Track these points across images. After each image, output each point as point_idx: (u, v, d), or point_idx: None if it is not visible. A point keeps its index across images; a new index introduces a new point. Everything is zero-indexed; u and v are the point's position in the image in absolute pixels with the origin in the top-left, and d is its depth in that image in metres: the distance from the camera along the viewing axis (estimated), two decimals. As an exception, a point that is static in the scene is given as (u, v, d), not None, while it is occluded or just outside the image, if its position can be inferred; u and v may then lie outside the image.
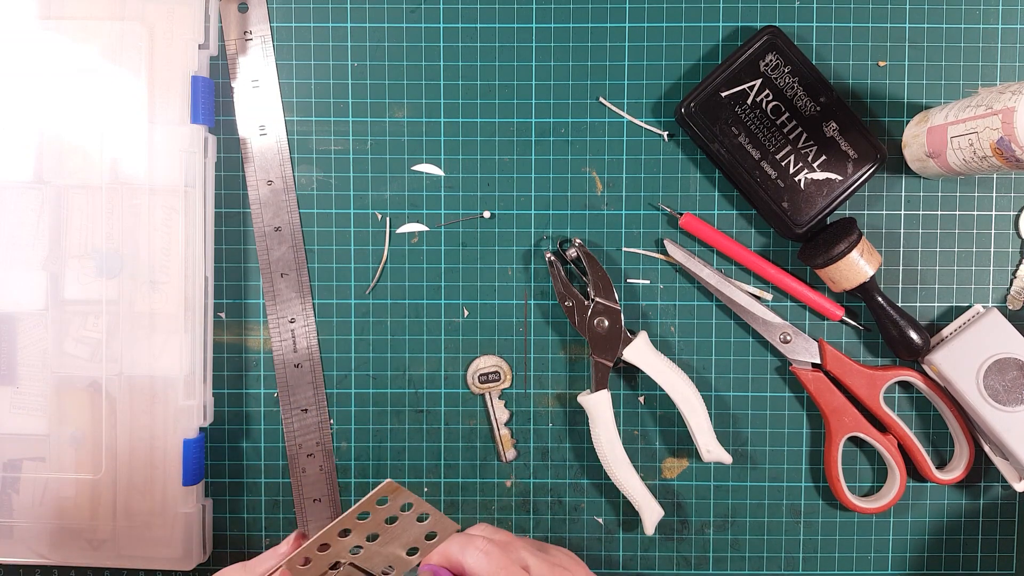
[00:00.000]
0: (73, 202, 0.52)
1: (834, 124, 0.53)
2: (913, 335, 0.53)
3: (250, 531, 0.56)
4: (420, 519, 0.41)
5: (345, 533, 0.41)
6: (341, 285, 0.56)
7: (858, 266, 0.52)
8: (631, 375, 0.56)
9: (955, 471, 0.54)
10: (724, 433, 0.56)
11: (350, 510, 0.40)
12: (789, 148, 0.53)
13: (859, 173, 0.53)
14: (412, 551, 0.42)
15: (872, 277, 0.52)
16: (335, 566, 0.42)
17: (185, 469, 0.53)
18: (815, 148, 0.53)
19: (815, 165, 0.53)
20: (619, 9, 0.55)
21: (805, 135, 0.53)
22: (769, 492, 0.56)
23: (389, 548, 0.41)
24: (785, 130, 0.53)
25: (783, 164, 0.53)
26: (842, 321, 0.55)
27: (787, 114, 0.53)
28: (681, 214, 0.55)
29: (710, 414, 0.55)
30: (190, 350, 0.53)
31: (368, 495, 0.39)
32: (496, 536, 0.46)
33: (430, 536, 0.42)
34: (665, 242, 0.55)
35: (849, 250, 0.51)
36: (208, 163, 0.54)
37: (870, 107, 0.55)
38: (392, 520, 0.41)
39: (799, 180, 0.53)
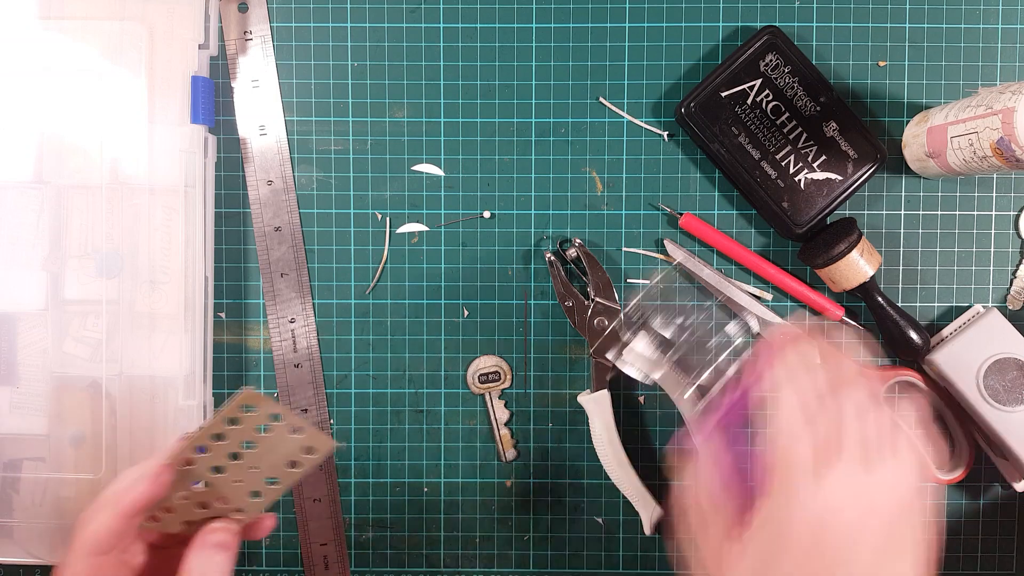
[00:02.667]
0: (73, 202, 0.52)
1: (834, 124, 0.53)
2: (913, 335, 0.53)
3: (250, 531, 0.56)
4: (295, 432, 0.42)
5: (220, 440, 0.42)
6: (341, 285, 0.56)
7: (858, 266, 0.52)
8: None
9: (955, 471, 0.54)
10: (724, 433, 0.56)
11: (216, 412, 0.41)
12: (789, 148, 0.53)
13: (859, 173, 0.53)
14: (293, 464, 0.43)
15: (872, 277, 0.52)
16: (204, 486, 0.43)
17: (185, 469, 0.53)
18: (815, 148, 0.53)
19: (815, 165, 0.53)
20: (619, 9, 0.55)
21: (805, 135, 0.53)
22: (769, 492, 0.56)
23: (268, 458, 0.43)
24: (785, 130, 0.53)
25: (783, 164, 0.53)
26: (842, 321, 0.55)
27: (787, 114, 0.53)
28: (681, 214, 0.55)
29: (710, 414, 0.55)
30: (190, 350, 0.53)
31: (230, 401, 0.41)
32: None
33: (309, 451, 0.43)
34: (665, 242, 0.55)
35: (849, 250, 0.51)
36: (208, 163, 0.54)
37: (870, 107, 0.55)
38: (265, 431, 0.42)
39: (799, 180, 0.53)
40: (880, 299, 0.53)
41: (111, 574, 0.40)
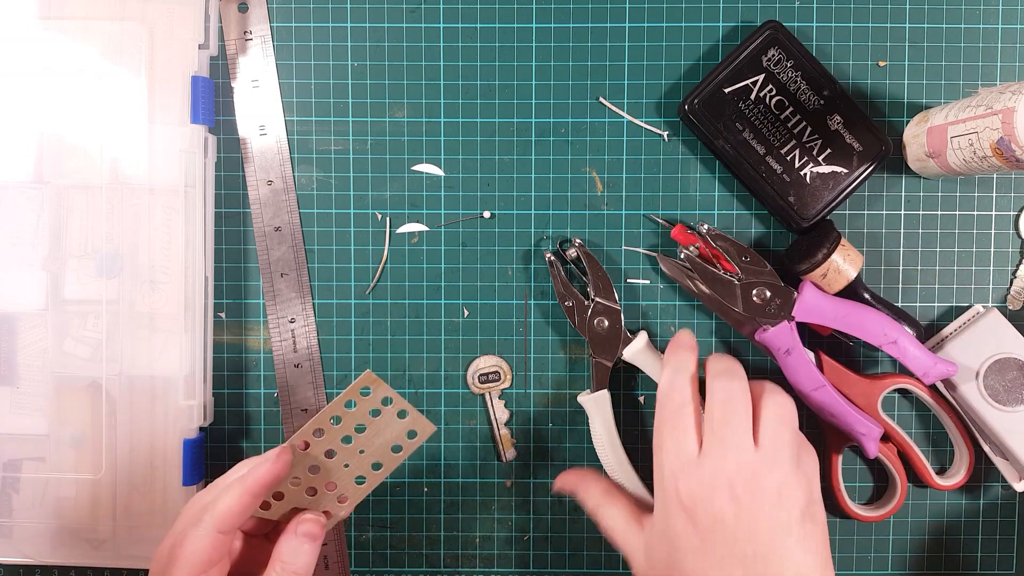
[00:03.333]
0: (73, 202, 0.52)
1: (838, 117, 0.53)
2: (907, 330, 0.52)
3: (250, 531, 0.56)
4: (400, 415, 0.45)
5: (337, 423, 0.45)
6: (341, 285, 0.56)
7: (841, 269, 0.51)
8: (631, 375, 0.56)
9: (955, 476, 0.54)
10: (724, 433, 0.56)
11: (338, 396, 0.44)
12: (794, 142, 0.53)
13: (864, 165, 0.53)
14: (396, 448, 0.46)
15: (857, 277, 0.52)
16: (314, 472, 0.45)
17: (185, 469, 0.53)
18: (820, 142, 0.53)
19: (820, 159, 0.53)
20: (619, 9, 0.55)
21: (809, 129, 0.53)
22: (769, 492, 0.56)
23: (376, 442, 0.45)
24: (789, 124, 0.53)
25: (788, 159, 0.53)
26: (832, 334, 0.54)
27: (791, 108, 0.53)
28: (673, 224, 0.54)
29: (710, 414, 0.56)
30: (190, 350, 0.53)
31: (351, 385, 0.43)
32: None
33: (411, 435, 0.45)
34: (658, 257, 0.55)
35: (829, 254, 0.51)
36: (208, 163, 0.54)
37: (870, 107, 0.55)
38: (375, 414, 0.45)
39: (805, 174, 0.53)
40: (868, 296, 0.53)
41: (223, 554, 0.43)
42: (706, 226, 0.53)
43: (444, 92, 0.55)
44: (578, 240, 0.54)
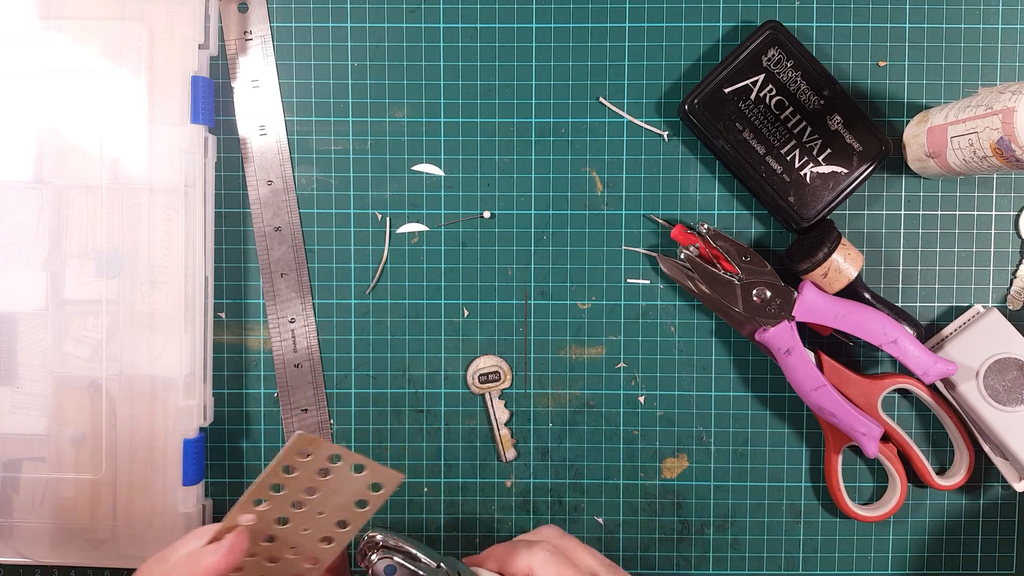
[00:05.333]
0: (73, 202, 0.52)
1: (838, 117, 0.53)
2: (907, 328, 0.52)
3: (250, 531, 0.56)
4: (356, 470, 0.40)
5: (278, 491, 0.40)
6: (341, 285, 0.56)
7: (841, 269, 0.51)
8: (631, 375, 0.56)
9: (955, 477, 0.54)
10: (724, 433, 0.56)
11: (271, 463, 0.39)
12: (794, 142, 0.53)
13: (864, 165, 0.53)
14: (361, 504, 0.41)
15: (857, 276, 0.52)
16: (270, 540, 0.41)
17: (185, 469, 0.53)
18: (820, 141, 0.53)
19: (820, 159, 0.53)
20: (619, 9, 0.55)
21: (809, 129, 0.53)
22: (769, 492, 0.56)
23: (333, 501, 0.40)
24: (789, 124, 0.53)
25: (788, 159, 0.53)
26: (832, 334, 0.54)
27: (791, 108, 0.53)
28: (673, 224, 0.54)
29: (710, 414, 0.56)
30: (190, 350, 0.53)
31: (283, 449, 0.38)
32: (563, 541, 0.45)
33: (375, 487, 0.40)
34: (658, 257, 0.55)
35: (830, 254, 0.51)
36: (208, 163, 0.54)
37: (870, 107, 0.55)
38: (325, 474, 0.40)
39: (805, 174, 0.53)
40: (868, 296, 0.53)
41: None
42: (706, 226, 0.53)
43: (444, 92, 0.55)
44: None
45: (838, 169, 0.53)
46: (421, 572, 0.41)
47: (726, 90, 0.53)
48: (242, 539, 0.39)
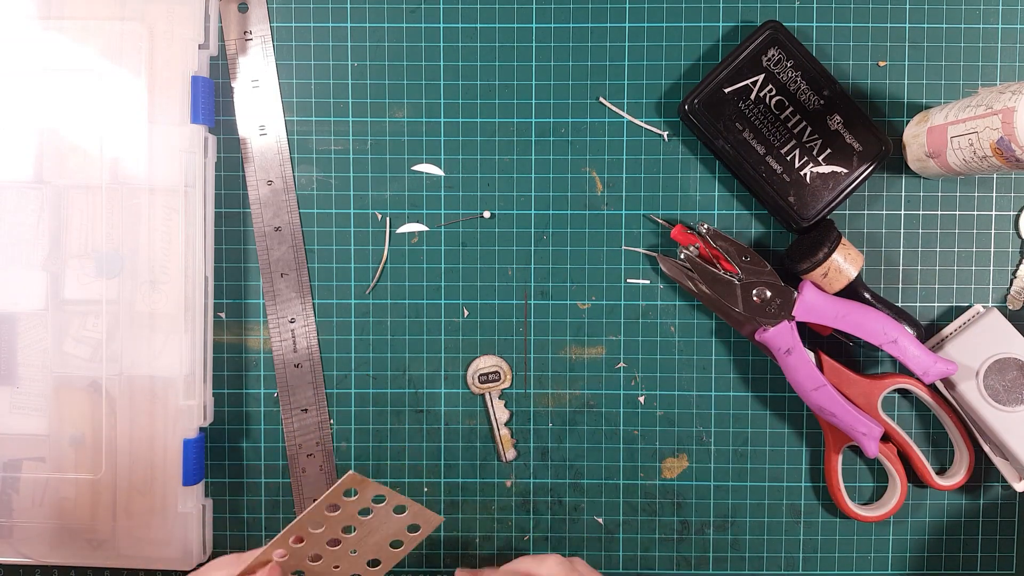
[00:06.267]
0: (73, 202, 0.52)
1: (838, 117, 0.53)
2: (907, 328, 0.52)
3: (250, 531, 0.56)
4: (397, 511, 0.40)
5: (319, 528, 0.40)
6: (341, 285, 0.56)
7: (841, 269, 0.51)
8: (631, 374, 0.56)
9: (955, 477, 0.54)
10: (724, 433, 0.56)
11: (317, 502, 0.39)
12: (794, 142, 0.53)
13: (864, 165, 0.53)
14: (396, 544, 0.41)
15: (857, 276, 0.52)
16: (315, 559, 0.41)
17: (185, 469, 0.53)
18: (820, 141, 0.53)
19: (820, 159, 0.53)
20: (619, 9, 0.55)
21: (809, 129, 0.53)
22: (769, 492, 0.56)
23: (369, 541, 0.41)
24: (789, 124, 0.53)
25: (788, 158, 0.53)
26: (832, 334, 0.54)
27: (791, 108, 0.53)
28: (673, 224, 0.54)
29: (710, 414, 0.55)
30: (190, 350, 0.53)
31: (332, 487, 0.39)
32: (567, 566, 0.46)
33: (412, 528, 0.41)
34: (658, 257, 0.55)
35: (830, 254, 0.51)
36: (208, 163, 0.54)
37: (870, 107, 0.55)
38: (366, 513, 0.40)
39: (805, 174, 0.53)
40: (868, 296, 0.53)
41: None
42: (706, 226, 0.53)
43: (444, 92, 0.55)
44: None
45: (838, 169, 0.53)
46: None
47: (726, 90, 0.53)
48: (276, 574, 0.40)
